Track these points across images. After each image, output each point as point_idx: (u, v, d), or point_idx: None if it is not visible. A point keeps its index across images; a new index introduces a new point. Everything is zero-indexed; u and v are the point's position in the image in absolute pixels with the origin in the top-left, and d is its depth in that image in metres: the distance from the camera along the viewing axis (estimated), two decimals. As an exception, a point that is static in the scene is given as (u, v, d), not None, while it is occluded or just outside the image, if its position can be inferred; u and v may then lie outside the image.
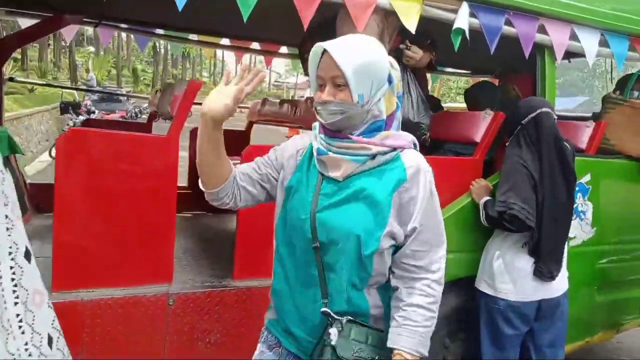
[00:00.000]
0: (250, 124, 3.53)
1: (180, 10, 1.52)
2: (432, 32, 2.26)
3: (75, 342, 1.76)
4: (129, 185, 1.85)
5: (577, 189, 2.31)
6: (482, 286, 2.12)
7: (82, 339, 1.78)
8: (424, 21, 1.92)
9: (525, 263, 2.03)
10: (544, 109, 2.02)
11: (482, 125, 2.27)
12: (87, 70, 26.36)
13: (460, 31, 1.98)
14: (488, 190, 2.12)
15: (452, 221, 2.13)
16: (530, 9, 2.12)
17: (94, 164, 1.80)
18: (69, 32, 3.12)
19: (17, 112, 11.79)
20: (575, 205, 2.33)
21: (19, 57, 24.44)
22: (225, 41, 3.57)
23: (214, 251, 2.49)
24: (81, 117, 14.73)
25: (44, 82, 12.58)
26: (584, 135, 2.48)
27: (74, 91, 18.15)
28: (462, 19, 1.98)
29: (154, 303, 1.88)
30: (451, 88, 17.56)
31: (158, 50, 35.94)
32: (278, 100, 3.01)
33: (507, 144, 2.13)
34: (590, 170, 2.35)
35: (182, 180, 3.57)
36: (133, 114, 19.16)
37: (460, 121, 2.43)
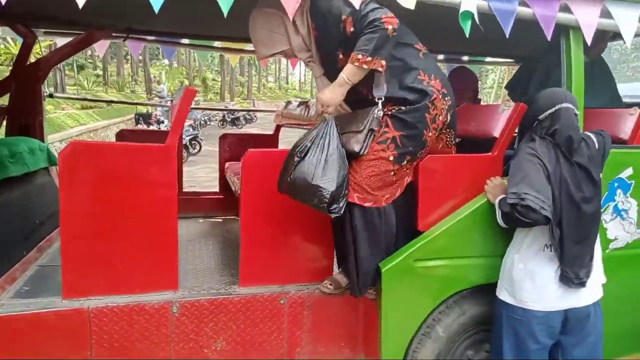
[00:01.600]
0: (277, 128, 3.53)
1: (156, 12, 1.51)
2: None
3: (83, 348, 1.85)
4: (129, 194, 1.89)
5: (616, 184, 2.07)
6: (502, 294, 1.94)
7: (90, 345, 1.85)
8: (422, 6, 1.78)
9: (549, 268, 1.84)
10: (564, 105, 1.81)
11: (500, 118, 2.09)
12: (159, 82, 27.99)
13: (469, 15, 1.82)
14: (504, 189, 1.94)
15: (469, 223, 1.99)
16: (549, -14, 1.91)
17: (95, 175, 1.86)
18: (101, 47, 3.29)
19: (93, 125, 12.77)
20: (614, 203, 2.08)
21: (101, 72, 26.50)
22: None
23: (228, 257, 2.50)
24: (152, 127, 15.67)
25: (80, 97, 13.37)
26: (626, 124, 2.19)
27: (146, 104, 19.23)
28: (469, 1, 1.82)
29: (157, 311, 1.92)
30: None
31: (226, 59, 37.35)
32: (298, 102, 2.97)
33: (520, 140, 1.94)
34: (632, 163, 2.07)
35: (214, 186, 3.66)
36: (202, 122, 20.02)
37: (478, 115, 2.25)
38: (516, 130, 2.13)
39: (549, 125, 1.81)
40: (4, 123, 3.07)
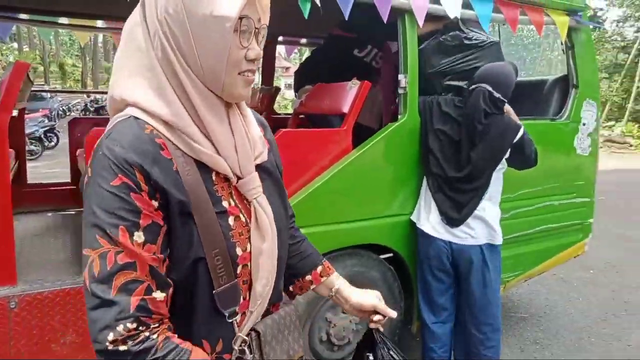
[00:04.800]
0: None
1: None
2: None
3: None
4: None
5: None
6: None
7: None
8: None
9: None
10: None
11: (348, 95, 2.23)
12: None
13: (309, -3, 1.90)
14: None
15: (323, 193, 2.10)
16: (382, -28, 2.07)
17: None
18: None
19: None
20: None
21: None
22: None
23: (80, 248, 2.33)
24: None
25: None
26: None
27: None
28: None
29: (-8, 308, 1.73)
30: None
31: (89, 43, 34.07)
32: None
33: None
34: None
35: (65, 176, 3.37)
36: (59, 112, 18.12)
37: (331, 93, 2.38)
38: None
39: None
40: None
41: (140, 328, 0.69)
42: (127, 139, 0.73)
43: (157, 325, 0.71)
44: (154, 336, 0.70)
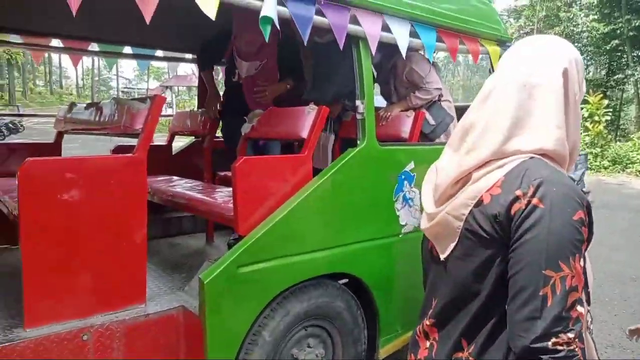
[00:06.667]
0: (59, 135, 3.02)
1: None
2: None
3: None
4: None
5: (403, 177, 2.37)
6: None
7: None
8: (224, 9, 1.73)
9: None
10: None
11: (307, 120, 2.18)
12: None
13: (269, 20, 1.84)
14: None
15: (289, 222, 2.01)
16: (340, -1, 2.08)
17: None
18: None
19: None
20: (403, 194, 2.38)
21: None
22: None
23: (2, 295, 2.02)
24: None
25: None
26: (406, 125, 2.54)
27: None
28: (269, 7, 1.84)
29: None
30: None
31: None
32: (84, 105, 2.59)
33: None
34: (413, 158, 2.41)
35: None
36: None
37: (286, 117, 2.31)
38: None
39: None
40: None
41: (575, 339, 0.85)
42: (568, 179, 0.94)
43: (578, 338, 0.86)
44: (577, 351, 0.85)
